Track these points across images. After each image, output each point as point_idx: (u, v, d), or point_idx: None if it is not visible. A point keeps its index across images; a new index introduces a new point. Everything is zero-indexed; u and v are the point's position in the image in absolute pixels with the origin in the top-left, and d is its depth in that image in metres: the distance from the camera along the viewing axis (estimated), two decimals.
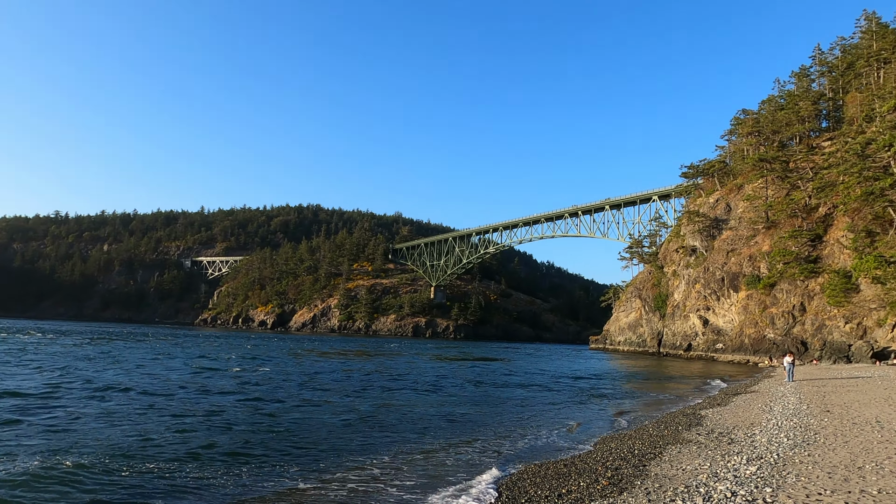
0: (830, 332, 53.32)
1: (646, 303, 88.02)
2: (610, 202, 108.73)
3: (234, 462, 12.67)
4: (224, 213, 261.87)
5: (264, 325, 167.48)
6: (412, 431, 17.05)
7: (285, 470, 12.18)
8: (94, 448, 13.14)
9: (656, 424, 17.90)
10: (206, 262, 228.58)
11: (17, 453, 12.45)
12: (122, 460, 12.20)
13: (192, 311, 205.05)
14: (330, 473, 11.98)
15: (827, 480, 9.55)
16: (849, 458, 11.14)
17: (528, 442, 15.90)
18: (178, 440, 14.47)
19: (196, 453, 13.16)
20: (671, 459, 12.33)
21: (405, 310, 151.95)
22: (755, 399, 23.69)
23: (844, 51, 78.76)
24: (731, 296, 68.57)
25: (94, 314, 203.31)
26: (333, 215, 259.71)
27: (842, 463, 10.80)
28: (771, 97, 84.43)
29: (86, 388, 23.30)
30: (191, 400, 21.54)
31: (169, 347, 55.76)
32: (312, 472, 12.10)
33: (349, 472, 12.08)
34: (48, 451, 12.66)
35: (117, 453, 12.73)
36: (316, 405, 21.50)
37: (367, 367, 41.60)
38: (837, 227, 58.34)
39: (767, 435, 14.43)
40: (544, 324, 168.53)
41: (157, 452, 13.11)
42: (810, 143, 72.76)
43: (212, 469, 11.99)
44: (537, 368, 47.64)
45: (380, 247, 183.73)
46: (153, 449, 13.44)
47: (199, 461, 12.54)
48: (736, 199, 76.20)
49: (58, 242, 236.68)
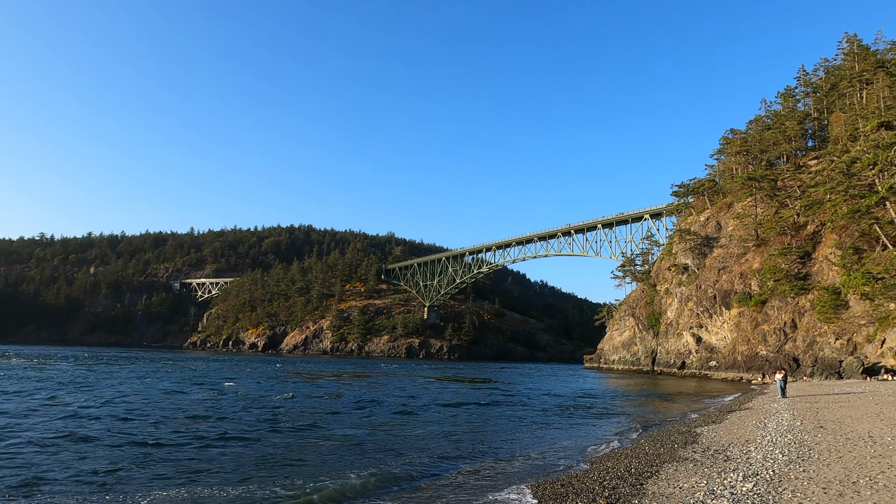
0: (821, 348, 53.59)
1: (639, 321, 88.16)
2: (602, 221, 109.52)
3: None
4: (214, 234, 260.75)
5: (255, 347, 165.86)
6: (402, 455, 16.90)
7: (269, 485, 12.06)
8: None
9: (652, 443, 17.87)
10: (196, 284, 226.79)
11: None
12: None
13: (181, 335, 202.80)
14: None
15: (822, 496, 9.59)
16: (843, 474, 11.19)
17: (526, 462, 15.82)
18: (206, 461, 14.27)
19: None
20: (668, 478, 12.32)
21: (398, 330, 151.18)
22: (749, 416, 23.71)
23: (828, 72, 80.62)
24: (724, 313, 68.88)
25: (80, 338, 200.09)
26: (325, 236, 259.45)
27: (836, 478, 10.84)
28: (758, 117, 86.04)
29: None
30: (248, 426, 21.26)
31: (154, 370, 55.12)
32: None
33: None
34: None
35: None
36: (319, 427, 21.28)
37: (366, 390, 41.25)
38: (826, 245, 59.02)
39: (763, 451, 14.46)
40: (538, 343, 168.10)
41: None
42: (797, 161, 73.97)
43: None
44: (532, 389, 47.44)
45: (372, 267, 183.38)
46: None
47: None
48: (726, 218, 77.02)
49: (42, 265, 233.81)
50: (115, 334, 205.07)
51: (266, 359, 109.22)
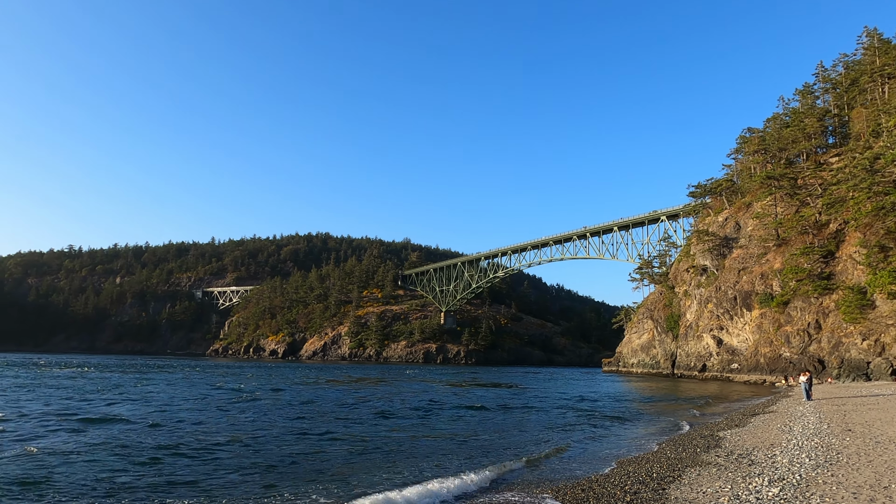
0: (847, 349, 52.42)
1: (658, 324, 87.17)
2: (618, 223, 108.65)
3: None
4: (234, 243, 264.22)
5: (275, 354, 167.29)
6: (427, 457, 16.89)
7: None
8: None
9: (674, 447, 17.62)
10: (217, 292, 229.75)
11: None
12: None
13: (203, 342, 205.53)
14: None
15: (852, 501, 9.37)
16: (874, 478, 10.92)
17: (545, 466, 15.71)
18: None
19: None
20: (691, 482, 12.13)
21: (416, 336, 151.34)
22: (774, 419, 23.28)
23: (847, 67, 79.14)
24: (745, 315, 67.81)
25: (107, 346, 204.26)
26: (342, 243, 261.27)
27: (867, 483, 10.58)
28: (776, 115, 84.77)
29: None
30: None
31: (208, 378, 55.64)
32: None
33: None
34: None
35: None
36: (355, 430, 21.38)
37: (393, 395, 41.34)
38: (849, 243, 57.83)
39: (788, 455, 14.17)
40: (556, 347, 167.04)
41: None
42: (818, 159, 72.68)
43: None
44: (551, 392, 47.11)
45: (389, 273, 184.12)
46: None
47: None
48: (745, 218, 75.92)
49: (71, 276, 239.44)
50: (140, 342, 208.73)
51: (289, 365, 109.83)
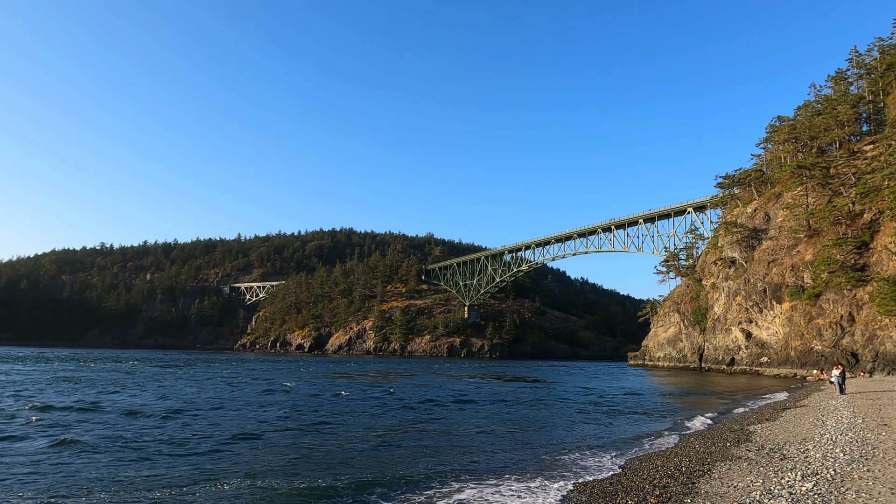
0: (882, 342, 51.06)
1: (684, 317, 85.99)
2: (644, 216, 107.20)
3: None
4: (260, 239, 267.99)
5: (301, 348, 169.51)
6: (459, 452, 17.07)
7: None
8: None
9: (703, 441, 17.50)
10: (244, 287, 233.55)
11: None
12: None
13: (231, 337, 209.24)
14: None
15: (890, 496, 9.24)
16: None
17: (574, 460, 15.76)
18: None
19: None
20: (721, 477, 12.06)
21: (440, 330, 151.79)
22: (805, 413, 22.89)
23: (883, 52, 76.45)
24: (775, 307, 66.48)
25: (138, 342, 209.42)
26: (366, 238, 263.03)
27: None
28: (807, 102, 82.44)
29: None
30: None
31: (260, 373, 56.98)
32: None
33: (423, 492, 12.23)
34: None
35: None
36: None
37: (449, 388, 41.70)
38: (885, 233, 56.20)
39: (822, 450, 13.97)
40: (580, 341, 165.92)
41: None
42: (851, 147, 70.62)
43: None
44: (577, 386, 46.97)
45: (413, 268, 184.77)
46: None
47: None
48: (775, 208, 74.28)
49: (104, 273, 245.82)
50: (170, 337, 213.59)
51: (316, 359, 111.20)
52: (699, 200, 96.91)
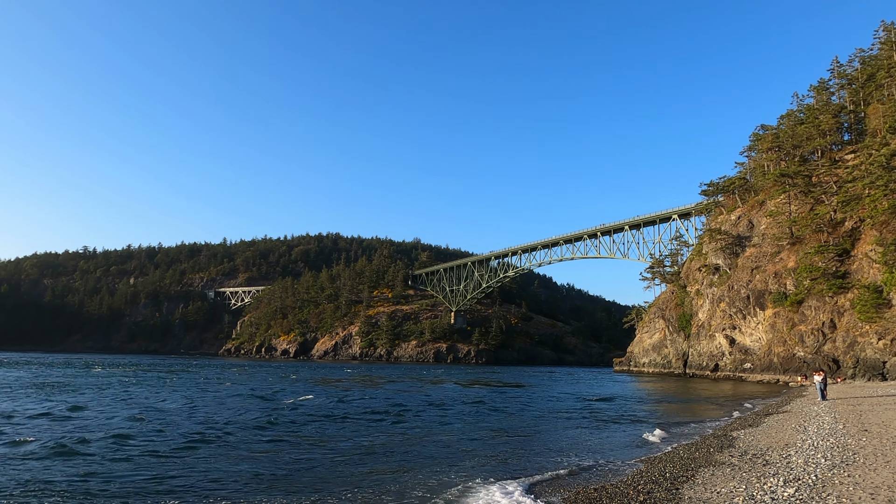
0: (863, 348, 51.72)
1: (669, 323, 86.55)
2: (629, 222, 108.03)
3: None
4: (246, 243, 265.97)
5: (287, 353, 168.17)
6: (443, 460, 16.89)
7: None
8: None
9: (687, 447, 17.50)
10: (229, 292, 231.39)
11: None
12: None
13: (216, 342, 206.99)
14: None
15: (870, 502, 9.24)
16: (892, 478, 10.76)
17: (558, 468, 15.64)
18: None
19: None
20: (705, 482, 12.03)
21: (426, 335, 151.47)
22: (788, 419, 23.03)
23: (864, 62, 77.94)
24: (758, 314, 67.12)
25: (121, 346, 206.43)
26: (353, 243, 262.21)
27: (884, 483, 10.43)
28: (790, 112, 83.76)
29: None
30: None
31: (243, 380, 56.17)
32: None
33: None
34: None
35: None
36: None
37: (418, 397, 41.39)
38: (865, 241, 57.04)
39: (804, 455, 14.01)
40: (566, 347, 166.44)
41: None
42: (833, 156, 71.75)
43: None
44: (563, 393, 46.96)
45: (399, 273, 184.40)
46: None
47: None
48: (758, 216, 75.15)
49: (86, 277, 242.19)
50: (154, 342, 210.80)
51: (302, 365, 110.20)
52: (684, 208, 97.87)
